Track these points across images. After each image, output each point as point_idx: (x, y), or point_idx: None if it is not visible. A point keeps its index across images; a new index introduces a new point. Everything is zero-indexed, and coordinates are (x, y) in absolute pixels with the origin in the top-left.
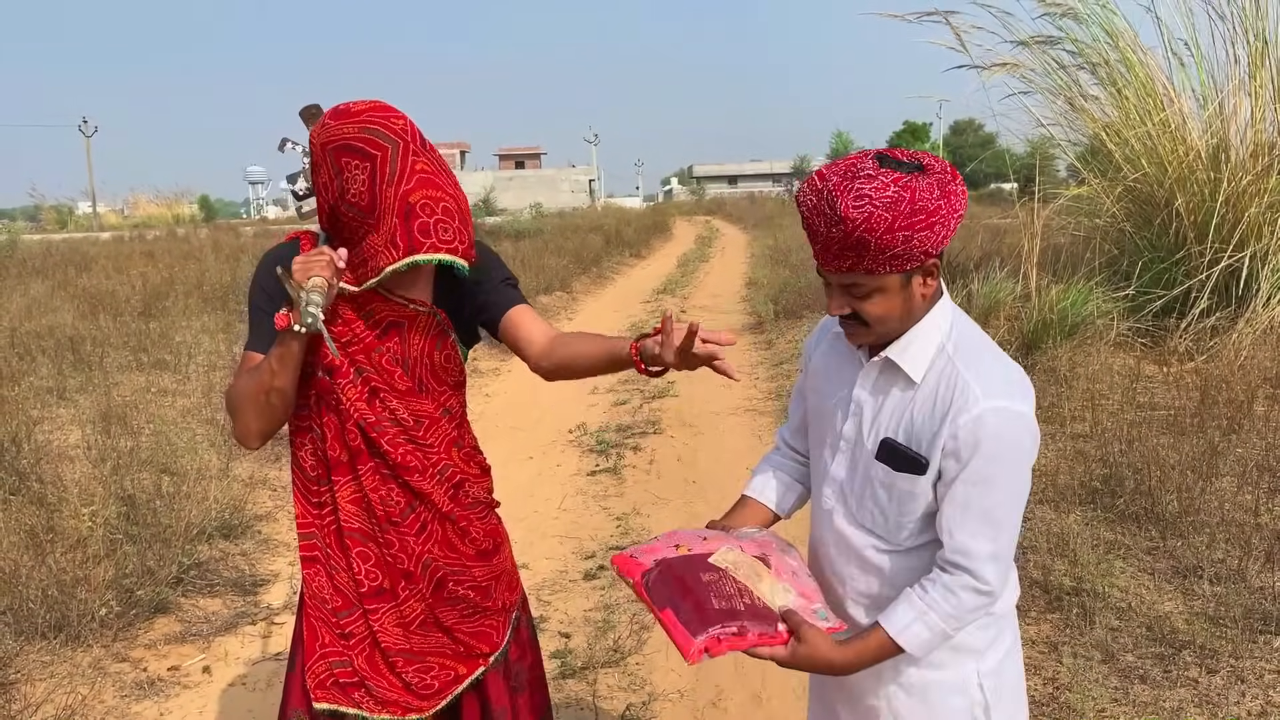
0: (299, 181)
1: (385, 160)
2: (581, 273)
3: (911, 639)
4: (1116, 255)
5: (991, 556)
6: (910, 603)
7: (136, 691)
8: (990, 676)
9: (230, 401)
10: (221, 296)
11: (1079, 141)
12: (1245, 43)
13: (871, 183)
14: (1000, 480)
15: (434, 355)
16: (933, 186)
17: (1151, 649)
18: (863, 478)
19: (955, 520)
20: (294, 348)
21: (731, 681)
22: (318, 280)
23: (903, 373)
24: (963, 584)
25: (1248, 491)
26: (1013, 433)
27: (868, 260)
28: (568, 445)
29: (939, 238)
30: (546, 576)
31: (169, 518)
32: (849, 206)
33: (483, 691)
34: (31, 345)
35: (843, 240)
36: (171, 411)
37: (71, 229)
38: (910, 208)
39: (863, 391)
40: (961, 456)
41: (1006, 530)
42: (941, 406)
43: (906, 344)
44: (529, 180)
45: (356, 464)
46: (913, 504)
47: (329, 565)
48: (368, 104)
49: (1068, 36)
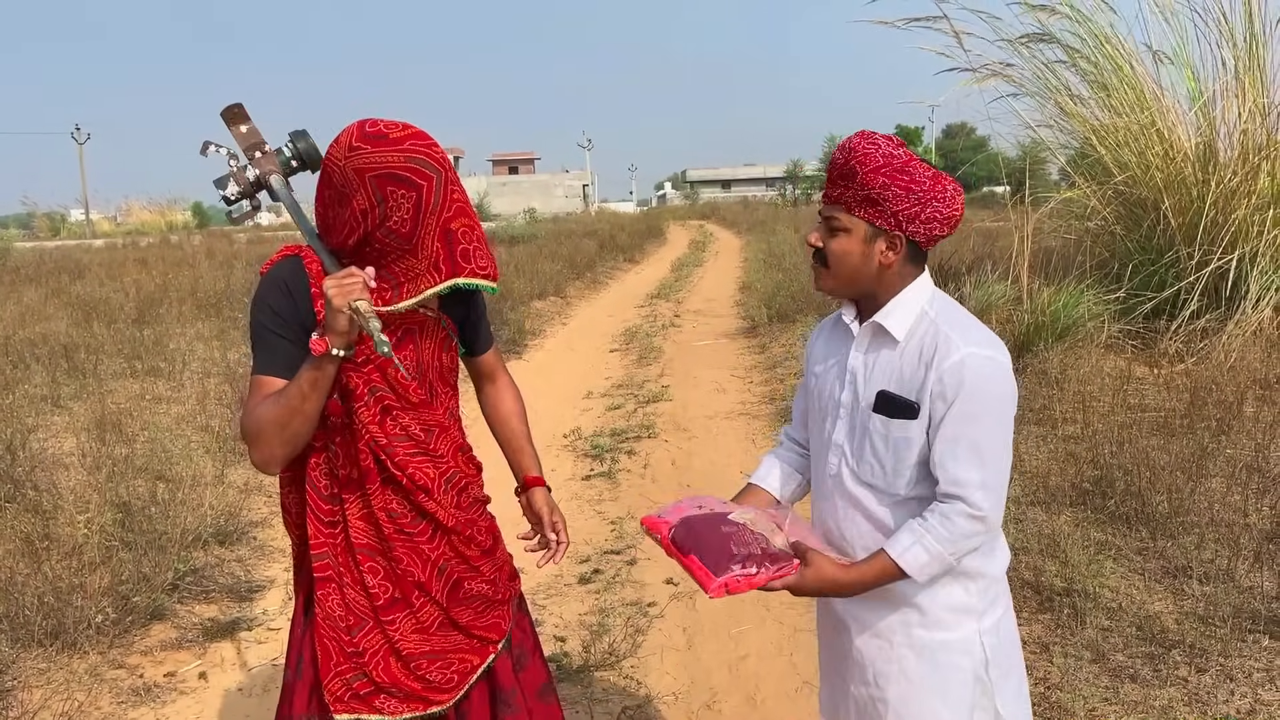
0: (229, 186)
1: (431, 190)
2: (575, 278)
3: (911, 561)
4: (1107, 258)
5: (982, 484)
6: (910, 529)
7: (133, 698)
8: (990, 634)
9: (251, 428)
10: (215, 303)
11: (1069, 145)
12: (1231, 45)
13: (889, 142)
14: (984, 416)
15: (442, 358)
16: (930, 170)
17: (1142, 648)
18: (860, 433)
19: (947, 455)
20: (330, 371)
21: (726, 683)
22: (364, 304)
23: (889, 335)
24: (957, 510)
25: (1237, 492)
26: (993, 373)
27: (850, 191)
28: (562, 450)
29: (914, 211)
30: (542, 580)
31: (164, 524)
32: (860, 141)
33: (491, 674)
34: (25, 353)
35: (841, 166)
36: (166, 418)
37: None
38: (902, 166)
39: (856, 358)
40: (948, 397)
41: (993, 462)
42: (926, 355)
43: (890, 309)
44: (523, 185)
45: (366, 483)
46: (908, 451)
47: (341, 582)
48: (405, 130)
49: (1056, 39)
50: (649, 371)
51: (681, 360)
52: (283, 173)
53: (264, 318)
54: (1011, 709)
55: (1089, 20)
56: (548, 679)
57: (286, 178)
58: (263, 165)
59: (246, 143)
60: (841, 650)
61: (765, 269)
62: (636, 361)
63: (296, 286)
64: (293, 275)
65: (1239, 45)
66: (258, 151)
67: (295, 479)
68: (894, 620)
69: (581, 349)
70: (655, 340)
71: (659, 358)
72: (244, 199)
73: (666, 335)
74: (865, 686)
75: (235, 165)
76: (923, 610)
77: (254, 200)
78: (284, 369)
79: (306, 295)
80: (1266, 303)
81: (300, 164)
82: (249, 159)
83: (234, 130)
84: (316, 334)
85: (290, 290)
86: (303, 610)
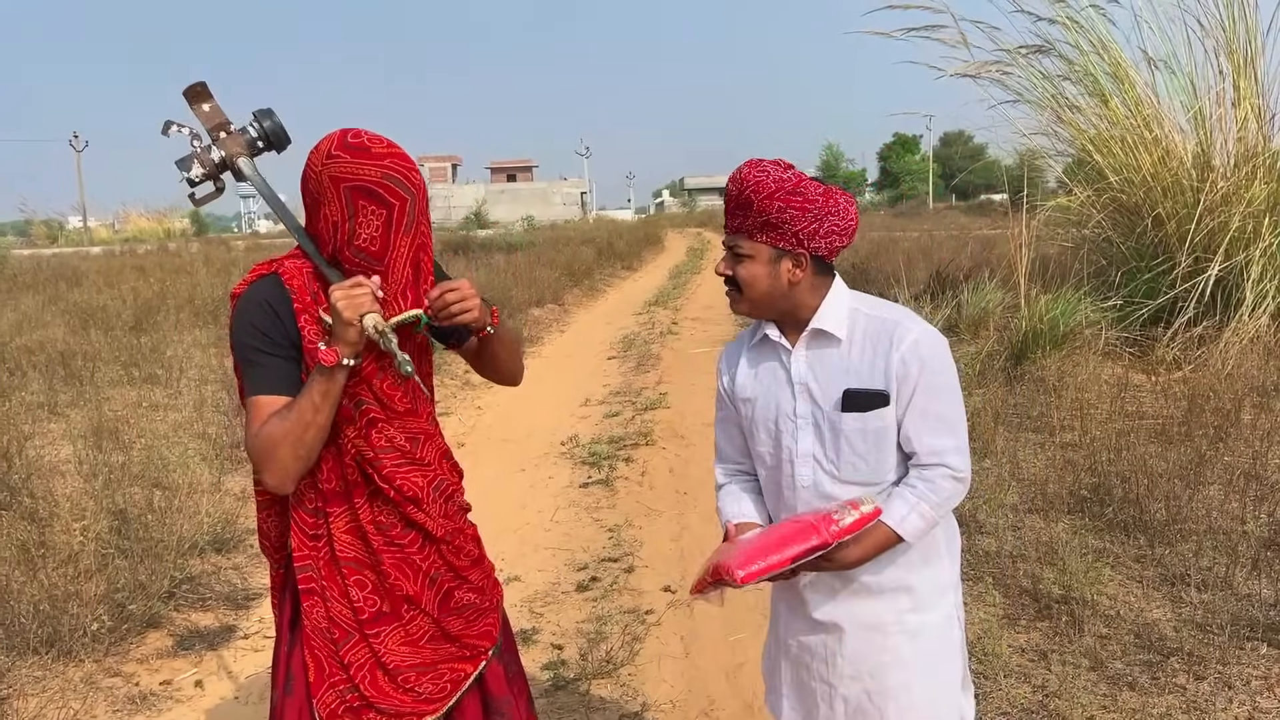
0: (193, 167)
1: (403, 211)
2: (573, 285)
3: (909, 528)
4: (1104, 265)
5: (957, 448)
6: (903, 498)
7: (129, 706)
8: (958, 608)
9: (262, 448)
10: (213, 311)
11: (1066, 152)
12: (1227, 53)
13: (777, 167)
14: (945, 386)
15: (422, 365)
16: (820, 186)
17: (1140, 656)
18: (834, 437)
19: (920, 428)
20: (340, 380)
21: (724, 691)
22: (376, 319)
23: (830, 337)
24: (941, 474)
25: (1235, 499)
26: (942, 346)
27: (749, 220)
28: (560, 457)
29: (811, 228)
30: (539, 588)
31: (160, 532)
32: (750, 171)
33: (482, 682)
34: (22, 360)
35: (736, 198)
36: (163, 426)
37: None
38: (793, 188)
39: (800, 368)
40: (912, 374)
41: (959, 426)
42: (881, 344)
43: (823, 314)
44: (521, 193)
45: (352, 495)
46: (887, 437)
47: (324, 595)
48: (388, 146)
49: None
50: (647, 379)
51: (679, 367)
52: (249, 154)
53: (251, 339)
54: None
55: (1086, 30)
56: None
57: (253, 158)
58: (228, 146)
59: (210, 122)
60: (826, 653)
61: None
62: (634, 369)
63: (280, 305)
64: (274, 294)
65: (1235, 53)
66: (222, 132)
67: (274, 500)
68: (885, 610)
69: (579, 356)
70: (653, 347)
71: (657, 365)
72: (208, 180)
73: (664, 342)
74: (859, 682)
75: (199, 145)
76: (913, 592)
77: (218, 182)
78: (283, 386)
79: (291, 313)
80: (1263, 310)
81: (266, 144)
82: (213, 139)
83: (196, 109)
84: (324, 344)
85: (274, 309)
86: (288, 627)
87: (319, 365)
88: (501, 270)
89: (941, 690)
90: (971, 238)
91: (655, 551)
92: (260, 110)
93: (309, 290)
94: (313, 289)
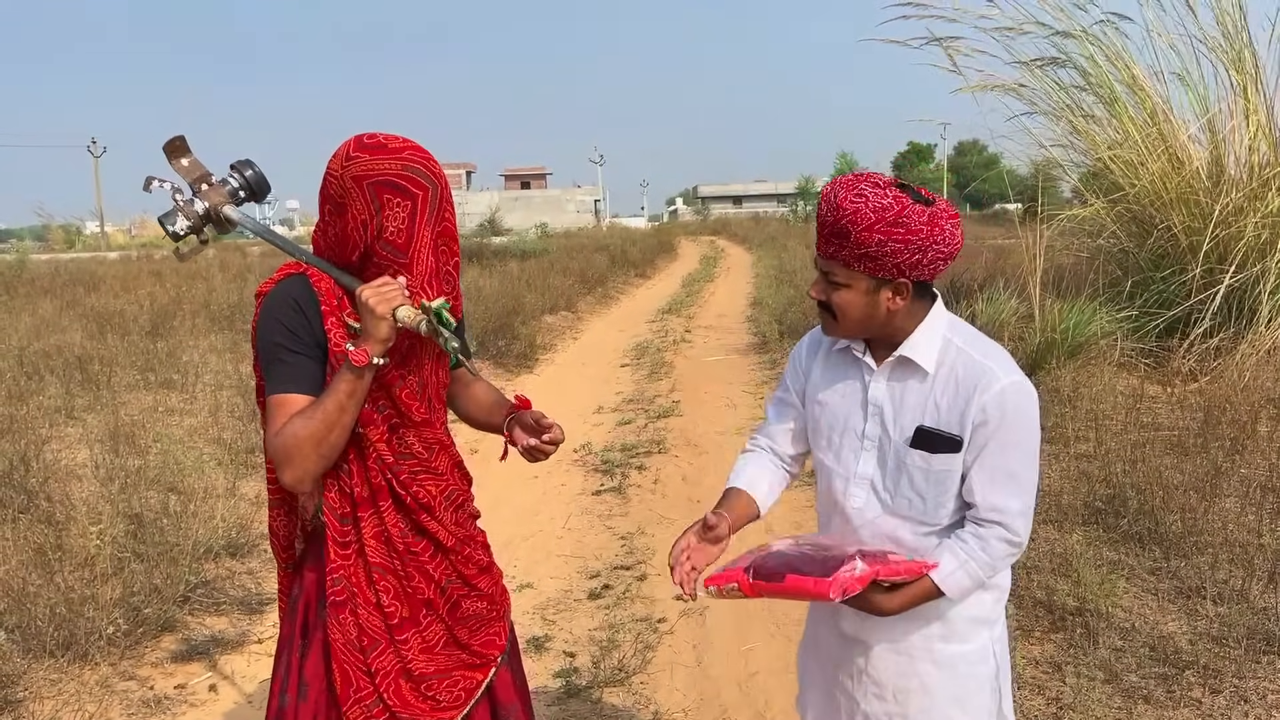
0: (177, 220)
1: (426, 200)
2: (587, 292)
3: (954, 585)
4: (1119, 276)
5: (1022, 512)
6: (953, 553)
7: (143, 709)
8: (999, 642)
9: (285, 447)
10: (228, 316)
11: (1081, 163)
12: (1238, 68)
13: (875, 189)
14: (1023, 444)
15: (440, 374)
16: (924, 213)
17: (1155, 669)
18: (895, 468)
19: (986, 482)
20: (368, 380)
21: (736, 700)
22: (411, 311)
23: (916, 367)
24: (997, 535)
25: (1251, 512)
26: (1030, 403)
27: (846, 250)
28: (572, 465)
29: (914, 259)
30: (551, 596)
31: (176, 536)
32: (846, 198)
33: (491, 690)
34: (40, 364)
35: (832, 225)
36: (179, 430)
37: (79, 249)
38: (895, 219)
39: (880, 390)
40: (990, 426)
41: (1029, 489)
42: (965, 387)
43: (915, 341)
44: (534, 200)
45: (378, 500)
46: (950, 482)
47: (354, 604)
48: (404, 141)
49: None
50: (660, 387)
51: (692, 376)
52: (233, 204)
53: (278, 336)
54: (1009, 711)
55: (1101, 43)
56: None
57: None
58: (210, 197)
59: (191, 175)
60: (853, 668)
61: (776, 285)
62: (647, 376)
63: (308, 305)
64: (302, 294)
65: (1246, 67)
66: (204, 184)
67: (284, 500)
68: (916, 636)
69: (592, 364)
70: (666, 355)
71: (670, 373)
72: (193, 233)
73: (677, 350)
74: (883, 703)
75: (181, 199)
76: (946, 622)
77: (202, 234)
78: (307, 386)
79: (318, 313)
80: (1279, 322)
81: (249, 194)
82: (195, 191)
83: (175, 164)
84: (352, 345)
85: (301, 307)
86: (299, 633)
87: (347, 364)
88: (515, 277)
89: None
90: (986, 247)
91: (667, 560)
92: (239, 161)
93: (335, 294)
94: (338, 293)
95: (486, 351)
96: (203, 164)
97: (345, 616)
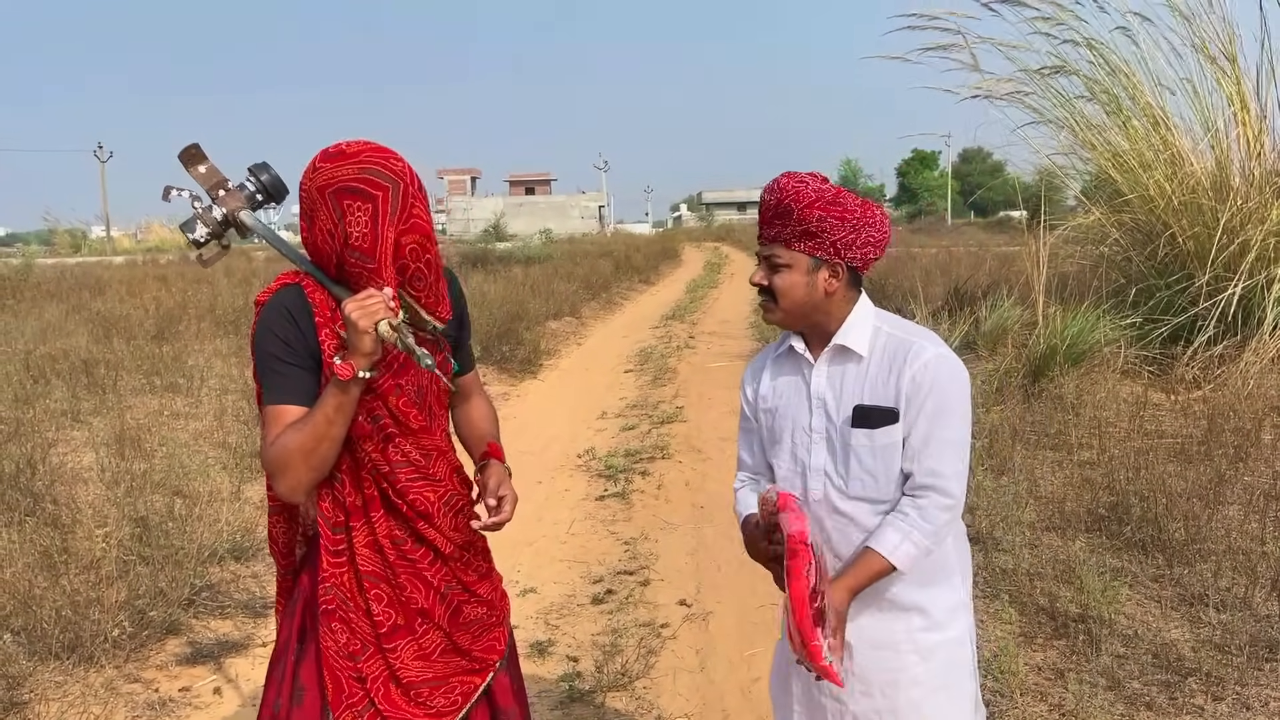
0: (197, 228)
1: (386, 200)
2: (591, 298)
3: (903, 557)
4: (1123, 284)
5: (956, 474)
6: (895, 527)
7: (148, 712)
8: (971, 626)
9: (277, 459)
10: (234, 321)
11: (1085, 171)
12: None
13: (814, 178)
14: (954, 410)
15: (439, 380)
16: (858, 198)
17: (1158, 676)
18: (844, 452)
19: (922, 448)
20: (355, 394)
21: (739, 706)
22: (390, 322)
23: (852, 353)
24: (934, 504)
25: (1254, 520)
26: (958, 371)
27: (789, 229)
28: (576, 470)
29: (849, 238)
30: (554, 600)
31: (181, 539)
32: (789, 182)
33: (489, 694)
34: (46, 368)
35: (775, 206)
36: (184, 434)
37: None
38: (833, 198)
39: (820, 382)
40: (921, 394)
41: (963, 451)
42: (896, 361)
43: (847, 329)
44: (539, 206)
45: (370, 510)
46: (895, 455)
47: (344, 611)
48: (363, 145)
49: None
50: (663, 392)
51: (696, 381)
52: (250, 208)
53: (272, 347)
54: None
55: (1105, 52)
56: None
57: (254, 211)
58: (228, 203)
59: (208, 182)
60: (848, 672)
61: None
62: (651, 382)
63: (301, 315)
64: (296, 303)
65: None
66: (221, 190)
67: (284, 507)
68: (898, 628)
69: (596, 369)
70: (670, 361)
71: (673, 379)
72: (213, 239)
73: (681, 356)
74: (869, 700)
75: (200, 206)
76: (926, 613)
77: (224, 240)
78: (301, 397)
79: (312, 323)
80: None
81: (266, 196)
82: (212, 198)
83: (193, 172)
84: (339, 358)
85: (295, 318)
86: (296, 638)
87: (334, 379)
88: (519, 283)
89: (953, 710)
90: (990, 254)
91: (670, 565)
92: (256, 165)
93: (330, 304)
94: (332, 304)
95: (490, 357)
96: (219, 170)
97: (336, 624)
